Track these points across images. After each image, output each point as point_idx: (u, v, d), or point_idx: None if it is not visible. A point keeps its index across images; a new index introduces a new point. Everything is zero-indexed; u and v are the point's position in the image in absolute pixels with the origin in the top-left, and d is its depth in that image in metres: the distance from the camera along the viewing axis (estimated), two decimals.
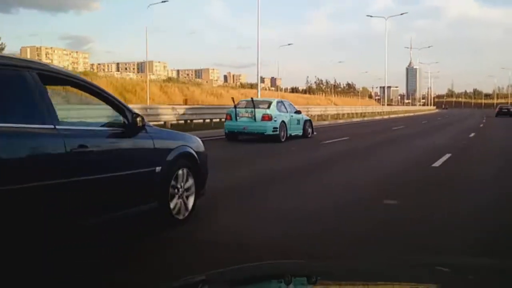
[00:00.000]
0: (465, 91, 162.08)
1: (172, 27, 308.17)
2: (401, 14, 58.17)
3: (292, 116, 15.48)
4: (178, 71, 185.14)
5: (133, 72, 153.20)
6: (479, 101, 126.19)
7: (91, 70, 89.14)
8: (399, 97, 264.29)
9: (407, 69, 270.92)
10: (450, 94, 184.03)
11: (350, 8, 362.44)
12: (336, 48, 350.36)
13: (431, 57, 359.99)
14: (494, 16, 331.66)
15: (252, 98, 15.42)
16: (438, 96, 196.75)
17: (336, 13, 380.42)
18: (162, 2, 42.10)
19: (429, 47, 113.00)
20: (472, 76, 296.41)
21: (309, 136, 16.42)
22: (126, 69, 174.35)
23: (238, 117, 14.49)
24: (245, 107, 14.75)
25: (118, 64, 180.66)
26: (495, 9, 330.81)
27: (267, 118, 14.23)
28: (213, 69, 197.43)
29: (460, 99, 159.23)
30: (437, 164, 9.21)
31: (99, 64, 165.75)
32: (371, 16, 64.13)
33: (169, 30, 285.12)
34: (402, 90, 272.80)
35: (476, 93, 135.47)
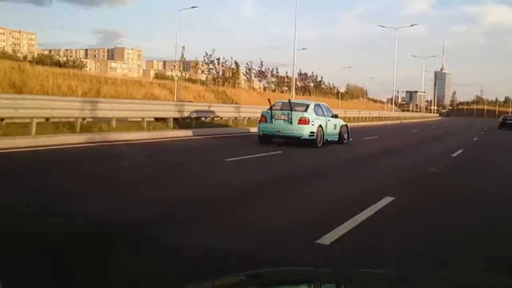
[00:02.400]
0: (496, 99, 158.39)
1: (201, 24, 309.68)
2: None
3: (329, 120, 15.14)
4: (164, 62, 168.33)
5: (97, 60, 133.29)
6: (506, 109, 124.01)
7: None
8: (426, 103, 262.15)
9: (435, 73, 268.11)
10: (477, 101, 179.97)
11: (382, 11, 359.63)
12: (360, 51, 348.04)
13: (463, 63, 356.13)
14: None
15: (289, 100, 15.11)
16: (463, 103, 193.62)
17: (366, 15, 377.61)
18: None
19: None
20: (506, 84, 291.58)
21: (345, 142, 16.04)
22: (95, 56, 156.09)
23: (273, 119, 14.20)
24: (280, 109, 14.45)
25: (86, 50, 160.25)
26: None
27: (304, 121, 13.92)
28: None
29: (483, 107, 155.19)
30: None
31: (66, 49, 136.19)
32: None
33: (198, 27, 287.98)
34: (430, 95, 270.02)
35: (510, 102, 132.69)
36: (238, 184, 7.49)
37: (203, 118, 20.98)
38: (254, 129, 18.07)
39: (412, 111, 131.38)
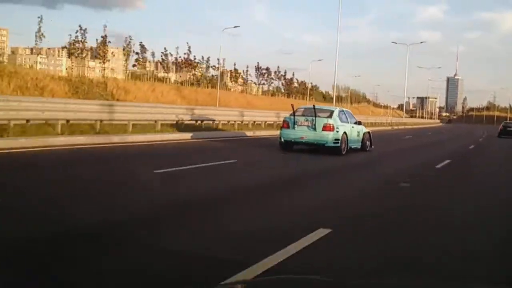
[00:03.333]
0: (510, 105, 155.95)
1: (214, 29, 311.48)
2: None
3: (352, 127, 14.81)
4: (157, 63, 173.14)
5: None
6: None
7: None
8: (437, 109, 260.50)
9: (448, 79, 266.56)
10: (488, 107, 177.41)
11: (396, 17, 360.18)
12: (372, 57, 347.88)
13: (477, 70, 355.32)
14: None
15: (314, 105, 14.78)
16: (473, 109, 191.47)
17: (380, 22, 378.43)
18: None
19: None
20: None
21: (368, 149, 15.69)
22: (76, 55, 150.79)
23: (296, 126, 13.87)
24: (303, 115, 14.12)
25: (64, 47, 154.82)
26: None
27: (328, 128, 13.57)
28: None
29: (493, 113, 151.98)
30: None
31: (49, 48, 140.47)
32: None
33: (211, 32, 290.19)
34: (442, 102, 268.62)
35: None
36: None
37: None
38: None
39: (421, 117, 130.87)
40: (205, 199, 6.60)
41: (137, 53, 57.38)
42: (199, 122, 20.41)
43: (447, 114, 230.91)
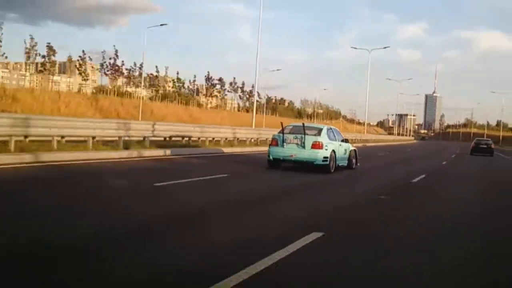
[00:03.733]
0: (487, 122, 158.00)
1: (199, 47, 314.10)
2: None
3: (340, 144, 14.92)
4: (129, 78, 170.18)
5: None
6: (496, 133, 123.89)
7: None
8: (416, 127, 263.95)
9: (426, 96, 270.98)
10: (465, 124, 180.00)
11: (376, 36, 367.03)
12: (351, 74, 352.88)
13: (457, 87, 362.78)
14: None
15: (303, 123, 14.86)
16: (451, 126, 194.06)
17: (360, 40, 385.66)
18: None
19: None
20: (498, 107, 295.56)
21: (354, 167, 15.82)
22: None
23: (285, 143, 13.89)
24: (292, 133, 14.15)
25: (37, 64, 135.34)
26: None
27: (317, 146, 13.60)
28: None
29: (470, 130, 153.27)
30: None
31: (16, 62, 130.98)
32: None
33: (196, 50, 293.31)
34: (420, 119, 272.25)
35: (503, 126, 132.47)
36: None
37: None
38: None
39: (399, 134, 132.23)
40: (207, 210, 7.22)
41: (107, 66, 56.57)
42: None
43: (425, 131, 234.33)
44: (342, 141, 15.29)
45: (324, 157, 13.63)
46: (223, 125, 34.51)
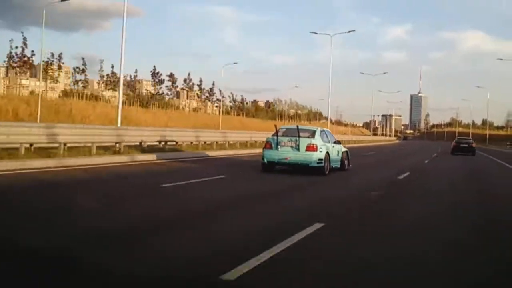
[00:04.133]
0: (473, 121, 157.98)
1: (184, 51, 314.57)
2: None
3: (333, 146, 15.07)
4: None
5: None
6: (482, 132, 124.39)
7: None
8: (402, 127, 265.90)
9: (411, 97, 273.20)
10: (450, 123, 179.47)
11: (361, 39, 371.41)
12: (337, 77, 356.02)
13: (442, 88, 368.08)
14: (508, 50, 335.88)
15: (297, 126, 14.98)
16: (436, 126, 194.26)
17: (344, 43, 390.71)
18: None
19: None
20: (484, 107, 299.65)
21: (346, 168, 15.97)
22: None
23: (279, 146, 14.02)
24: (286, 135, 14.32)
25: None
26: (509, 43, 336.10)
27: (312, 148, 13.80)
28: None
29: (455, 129, 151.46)
30: None
31: None
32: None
33: (180, 54, 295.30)
34: (406, 119, 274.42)
35: (489, 125, 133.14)
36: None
37: None
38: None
39: (384, 135, 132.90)
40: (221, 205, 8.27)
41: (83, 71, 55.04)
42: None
43: (411, 131, 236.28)
44: (335, 142, 15.43)
45: (319, 159, 13.76)
46: (175, 127, 31.77)
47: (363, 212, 8.27)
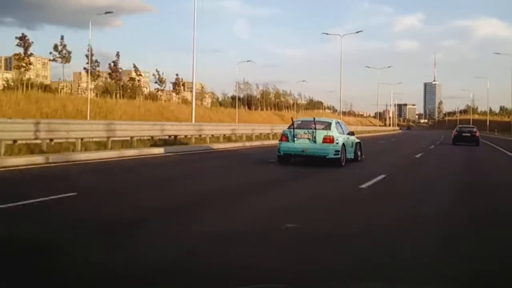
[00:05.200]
0: (490, 109, 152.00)
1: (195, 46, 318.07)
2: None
3: (348, 138, 15.40)
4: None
5: None
6: (498, 119, 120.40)
7: None
8: (416, 117, 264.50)
9: (425, 85, 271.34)
10: (465, 110, 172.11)
11: (374, 28, 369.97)
12: (349, 67, 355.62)
13: (456, 76, 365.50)
14: None
15: (314, 118, 15.31)
16: (449, 114, 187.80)
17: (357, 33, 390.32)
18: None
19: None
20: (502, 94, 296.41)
21: (359, 159, 16.35)
22: None
23: (295, 138, 14.34)
24: (302, 128, 14.60)
25: None
26: None
27: (329, 140, 14.06)
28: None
29: (469, 117, 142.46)
30: None
31: None
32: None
33: (188, 49, 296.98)
34: (421, 109, 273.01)
35: (506, 111, 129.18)
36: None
37: None
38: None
39: (397, 125, 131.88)
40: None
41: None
42: None
43: (425, 120, 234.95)
44: (348, 134, 15.76)
45: (336, 151, 14.08)
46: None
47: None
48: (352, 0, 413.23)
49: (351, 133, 16.14)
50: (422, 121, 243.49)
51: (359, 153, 16.50)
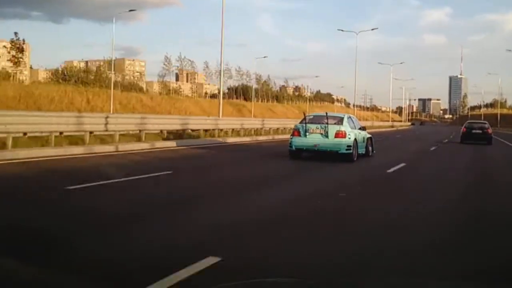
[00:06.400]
0: None
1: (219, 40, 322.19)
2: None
3: (359, 133, 15.64)
4: None
5: None
6: None
7: None
8: (441, 112, 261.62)
9: (450, 79, 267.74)
10: (492, 104, 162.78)
11: (400, 21, 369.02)
12: (376, 61, 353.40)
13: (483, 71, 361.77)
14: None
15: (326, 112, 15.62)
16: (474, 108, 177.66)
17: (383, 27, 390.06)
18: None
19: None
20: None
21: (370, 155, 16.56)
22: None
23: (308, 133, 14.63)
24: (314, 123, 14.86)
25: None
26: None
27: (341, 135, 14.32)
28: None
29: (495, 111, 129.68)
30: None
31: None
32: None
33: (216, 43, 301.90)
34: (445, 104, 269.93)
35: None
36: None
37: None
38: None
39: (400, 121, 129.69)
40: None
41: None
42: None
43: (450, 116, 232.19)
44: (360, 129, 16.03)
45: (348, 146, 14.35)
46: None
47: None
48: None
49: (363, 128, 16.43)
50: (446, 116, 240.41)
51: (370, 148, 16.75)
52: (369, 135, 16.91)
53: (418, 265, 4.64)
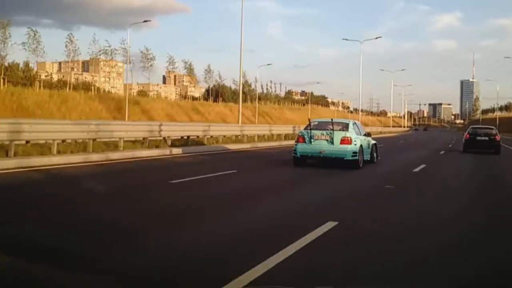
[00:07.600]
0: None
1: (230, 47, 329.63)
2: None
3: (365, 139, 15.65)
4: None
5: None
6: None
7: None
8: (452, 117, 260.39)
9: (461, 83, 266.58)
10: (506, 107, 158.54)
11: (410, 27, 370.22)
12: (386, 67, 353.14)
13: (495, 76, 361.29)
14: None
15: (332, 119, 15.66)
16: (487, 111, 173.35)
17: (394, 32, 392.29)
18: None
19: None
20: None
21: (375, 161, 16.58)
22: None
23: (313, 140, 14.60)
24: (318, 129, 14.82)
25: None
26: None
27: (347, 141, 14.30)
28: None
29: (509, 115, 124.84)
30: None
31: None
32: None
33: (226, 49, 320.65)
34: (457, 109, 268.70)
35: None
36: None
37: None
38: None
39: (429, 125, 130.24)
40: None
41: None
42: None
43: (461, 121, 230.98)
44: (365, 135, 16.05)
45: (354, 152, 14.32)
46: None
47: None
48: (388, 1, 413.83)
49: (368, 134, 16.49)
50: (457, 121, 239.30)
51: (375, 154, 16.78)
52: (373, 141, 16.92)
53: None
